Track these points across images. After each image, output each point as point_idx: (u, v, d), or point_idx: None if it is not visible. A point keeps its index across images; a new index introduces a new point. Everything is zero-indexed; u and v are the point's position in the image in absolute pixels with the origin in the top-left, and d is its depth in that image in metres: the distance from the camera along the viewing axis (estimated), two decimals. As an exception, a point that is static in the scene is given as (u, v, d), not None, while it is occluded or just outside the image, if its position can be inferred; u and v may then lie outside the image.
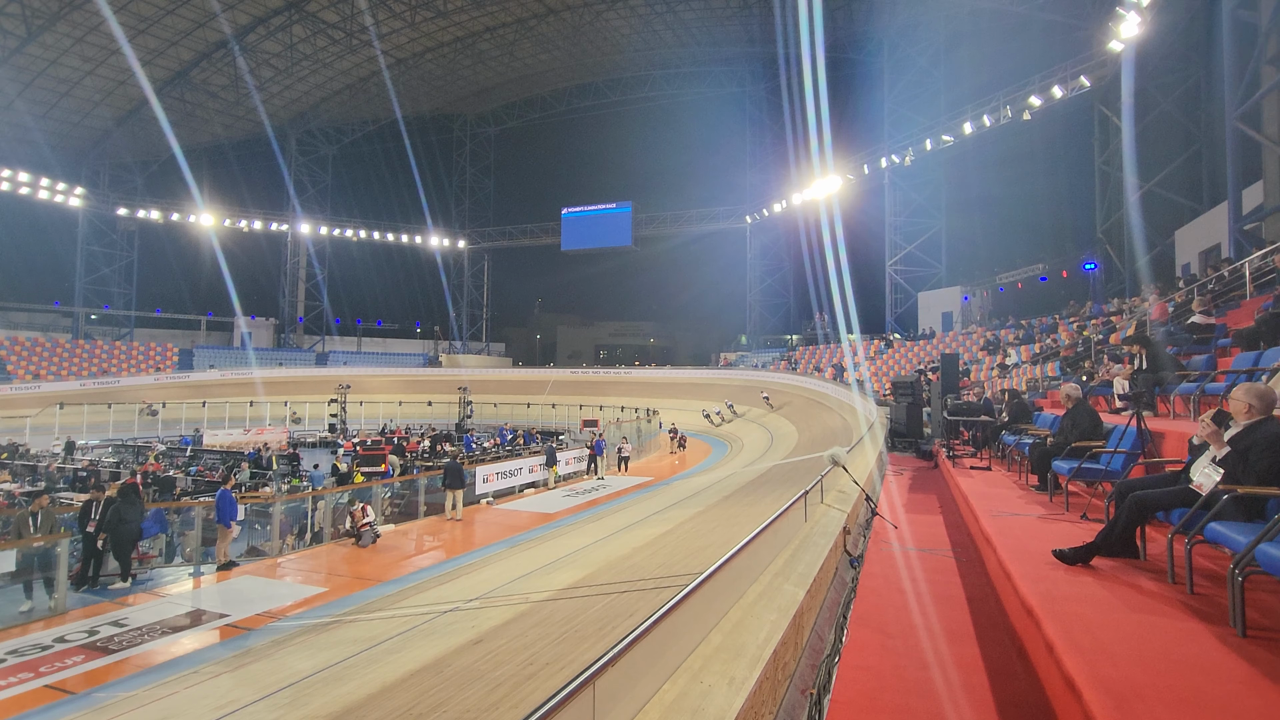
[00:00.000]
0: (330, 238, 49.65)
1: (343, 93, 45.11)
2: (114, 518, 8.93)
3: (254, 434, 27.11)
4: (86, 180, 41.78)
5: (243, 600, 8.71)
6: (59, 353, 38.12)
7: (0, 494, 14.54)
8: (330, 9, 35.85)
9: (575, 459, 20.14)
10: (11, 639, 7.37)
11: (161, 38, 35.67)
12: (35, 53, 33.63)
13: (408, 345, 54.01)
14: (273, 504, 11.35)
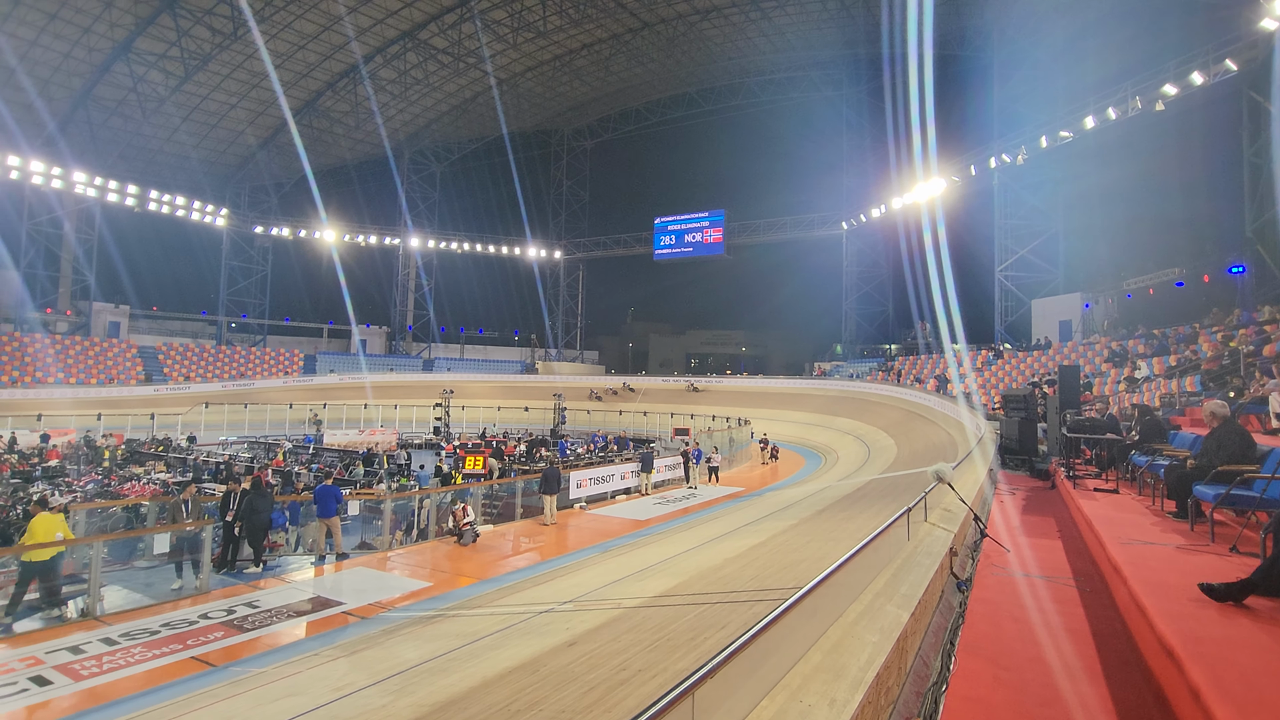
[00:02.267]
0: (437, 250, 52.58)
1: (450, 113, 47.75)
2: (248, 508, 9.83)
3: (367, 434, 29.02)
4: (230, 201, 46.42)
5: (356, 590, 9.32)
6: (205, 357, 42.48)
7: (156, 483, 16.35)
8: (440, 35, 38.08)
9: (668, 466, 20.20)
10: (165, 613, 8.25)
11: (294, 71, 39.21)
12: (190, 89, 37.82)
13: (506, 353, 56.17)
14: (384, 501, 12.09)
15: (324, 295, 48.14)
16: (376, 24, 37.14)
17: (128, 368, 38.04)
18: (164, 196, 41.31)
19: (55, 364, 34.62)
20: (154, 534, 9.51)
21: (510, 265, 54.74)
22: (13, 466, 18.09)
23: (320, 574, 10.19)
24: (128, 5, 31.95)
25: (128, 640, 7.30)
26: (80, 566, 9.59)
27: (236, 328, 48.39)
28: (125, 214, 40.93)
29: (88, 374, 35.82)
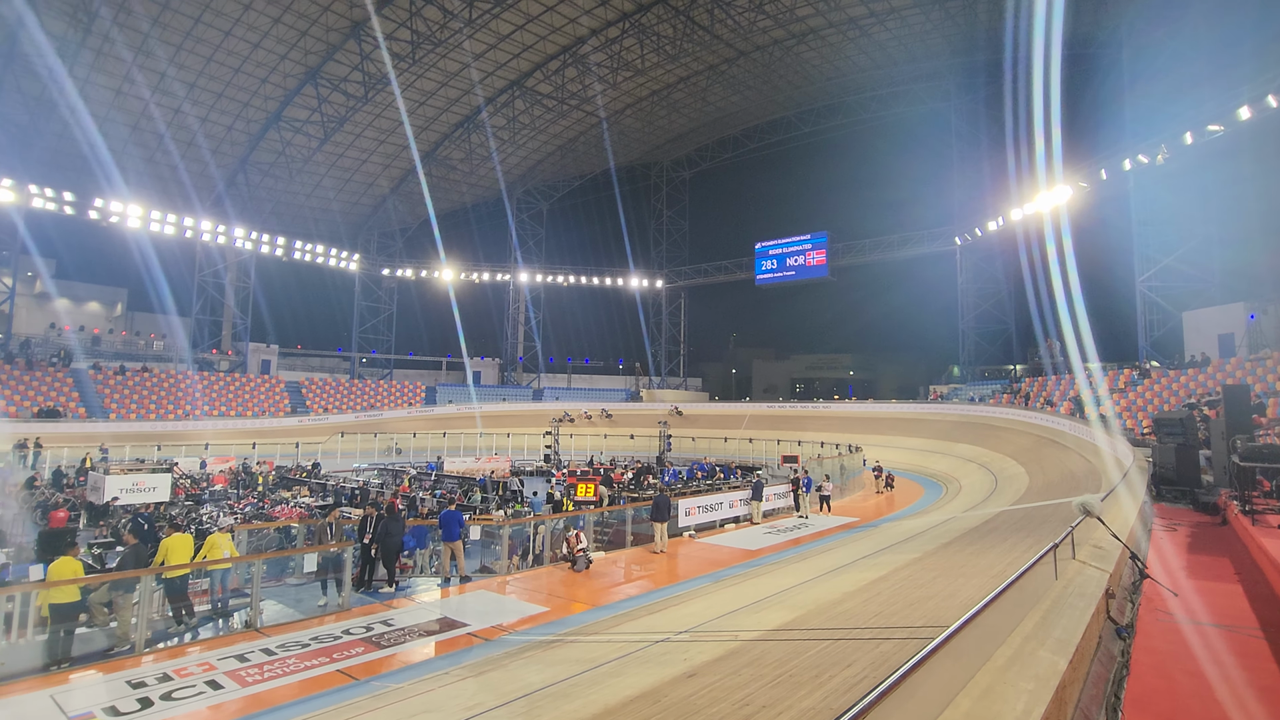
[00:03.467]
0: (545, 284, 54.94)
1: (555, 153, 50.09)
2: (382, 531, 10.57)
3: (483, 462, 30.41)
4: (361, 247, 50.83)
5: (479, 613, 9.72)
6: (340, 391, 46.35)
7: (302, 507, 17.92)
8: (545, 81, 40.22)
9: (777, 495, 19.74)
10: (313, 627, 8.97)
11: (416, 125, 42.66)
12: (328, 149, 42.04)
13: (611, 381, 57.30)
14: (502, 527, 12.60)
15: (443, 330, 51.41)
16: (488, 76, 39.82)
17: (277, 401, 42.17)
18: (306, 246, 45.91)
19: (202, 399, 38.86)
20: (304, 554, 10.42)
21: (613, 295, 56.17)
22: (186, 490, 20.46)
23: (446, 596, 10.73)
24: (279, 80, 36.16)
25: (283, 651, 8.00)
26: (243, 582, 10.65)
27: (367, 363, 52.57)
28: (274, 263, 45.86)
29: (245, 407, 40.03)
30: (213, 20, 31.75)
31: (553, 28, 36.13)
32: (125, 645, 8.28)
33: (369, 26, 33.67)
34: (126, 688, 6.97)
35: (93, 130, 33.25)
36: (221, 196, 41.56)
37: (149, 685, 7.03)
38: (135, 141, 37.34)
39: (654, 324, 57.73)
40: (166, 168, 39.44)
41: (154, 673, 7.36)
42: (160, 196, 39.10)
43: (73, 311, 41.60)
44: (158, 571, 8.96)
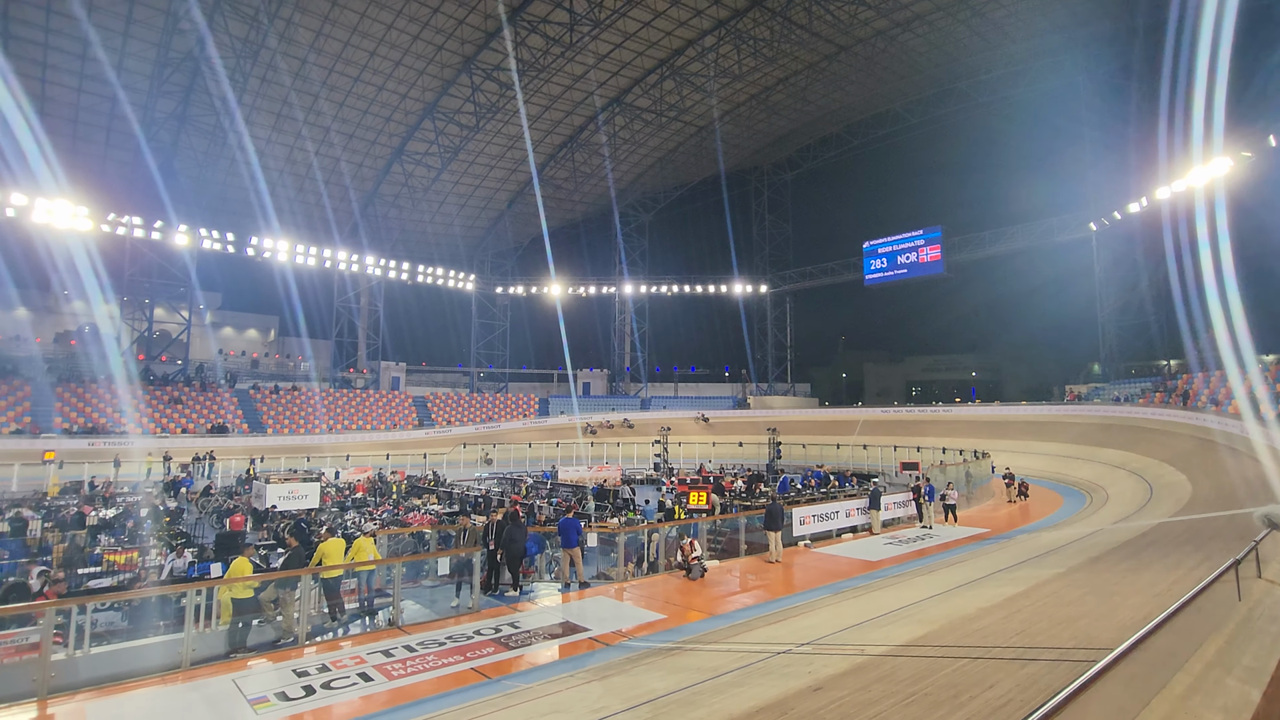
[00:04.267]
0: (648, 295, 55.71)
1: (655, 166, 50.77)
2: (507, 537, 11.09)
3: (595, 470, 31.16)
4: (476, 268, 53.84)
5: (599, 618, 9.95)
6: (461, 404, 49.15)
7: (431, 514, 19.16)
8: (643, 96, 40.92)
9: (897, 504, 18.84)
10: (447, 627, 9.54)
11: (522, 150, 44.75)
12: (445, 178, 44.91)
13: (718, 389, 57.03)
14: (617, 534, 12.86)
15: (553, 344, 53.34)
16: (588, 96, 41.08)
17: (406, 415, 45.35)
18: (427, 269, 49.23)
19: (342, 414, 42.34)
20: (438, 558, 11.14)
21: (716, 303, 55.97)
22: (332, 498, 22.45)
23: (567, 600, 11.08)
24: (400, 117, 39.14)
25: (423, 648, 8.56)
26: (384, 582, 11.53)
27: (484, 377, 55.45)
28: (400, 286, 49.50)
29: (378, 421, 43.36)
30: (344, 69, 34.93)
31: (649, 43, 36.75)
32: (289, 638, 9.18)
33: (478, 61, 35.76)
34: (292, 676, 7.72)
35: (258, 176, 37.63)
36: (356, 228, 45.46)
37: (311, 674, 7.74)
38: (283, 184, 41.62)
39: (758, 330, 56.96)
40: (309, 205, 43.68)
41: (314, 663, 8.10)
42: (305, 232, 43.33)
43: (235, 338, 47.02)
44: (315, 571, 9.88)
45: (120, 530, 16.38)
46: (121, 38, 30.10)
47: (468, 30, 34.08)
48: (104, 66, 31.46)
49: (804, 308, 57.66)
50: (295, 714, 6.81)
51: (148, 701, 7.23)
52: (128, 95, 32.75)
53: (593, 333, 57.57)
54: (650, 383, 56.38)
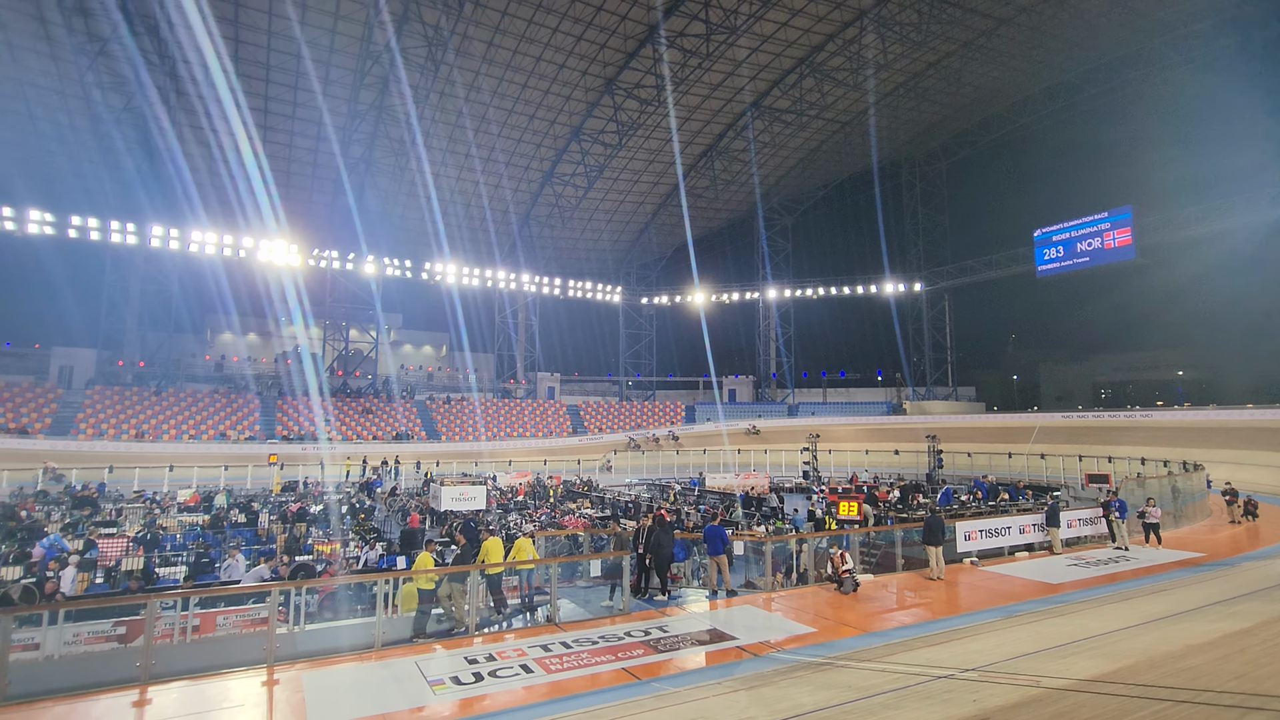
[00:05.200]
0: (794, 299, 54.44)
1: (796, 167, 49.64)
2: (655, 542, 11.38)
3: (742, 478, 30.90)
4: (622, 280, 55.76)
5: (746, 627, 9.91)
6: (611, 412, 51.00)
7: (585, 517, 20.10)
8: (783, 97, 40.22)
9: (1082, 521, 16.83)
10: (600, 627, 9.97)
11: (664, 162, 45.77)
12: (592, 195, 47.04)
13: (870, 394, 54.30)
14: (765, 543, 12.71)
15: (698, 351, 53.72)
16: (726, 104, 41.16)
17: (561, 423, 47.90)
18: (577, 283, 51.79)
19: (488, 423, 45.37)
20: (591, 559, 11.69)
21: (866, 305, 53.36)
22: (497, 500, 24.26)
23: (714, 608, 11.14)
24: (550, 142, 41.64)
25: (577, 646, 9.03)
26: (542, 581, 12.29)
27: (633, 385, 57.11)
28: (552, 301, 52.49)
29: (536, 429, 46.17)
30: (499, 103, 37.86)
31: (787, 43, 36.12)
32: (461, 628, 10.09)
33: (619, 81, 37.17)
34: (464, 662, 8.49)
35: (435, 206, 42.07)
36: (513, 249, 48.96)
37: (479, 663, 8.47)
38: (450, 214, 45.84)
39: (913, 331, 53.50)
40: (473, 231, 47.71)
41: (482, 653, 8.85)
42: (469, 255, 47.36)
43: (413, 354, 52.43)
44: (481, 568, 10.79)
45: (326, 524, 18.88)
46: (320, 97, 34.88)
47: (608, 54, 35.57)
48: (307, 124, 36.72)
49: (965, 305, 53.28)
50: (466, 697, 7.49)
51: (348, 675, 8.31)
52: (324, 145, 37.90)
53: (737, 339, 57.33)
54: (797, 388, 54.95)
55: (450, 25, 31.09)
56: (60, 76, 32.02)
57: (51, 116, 34.20)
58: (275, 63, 32.80)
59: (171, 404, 37.09)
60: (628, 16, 33.15)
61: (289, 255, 38.99)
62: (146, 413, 35.71)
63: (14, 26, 29.66)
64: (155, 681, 7.68)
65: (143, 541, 15.49)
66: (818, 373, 56.18)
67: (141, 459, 29.55)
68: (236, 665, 8.57)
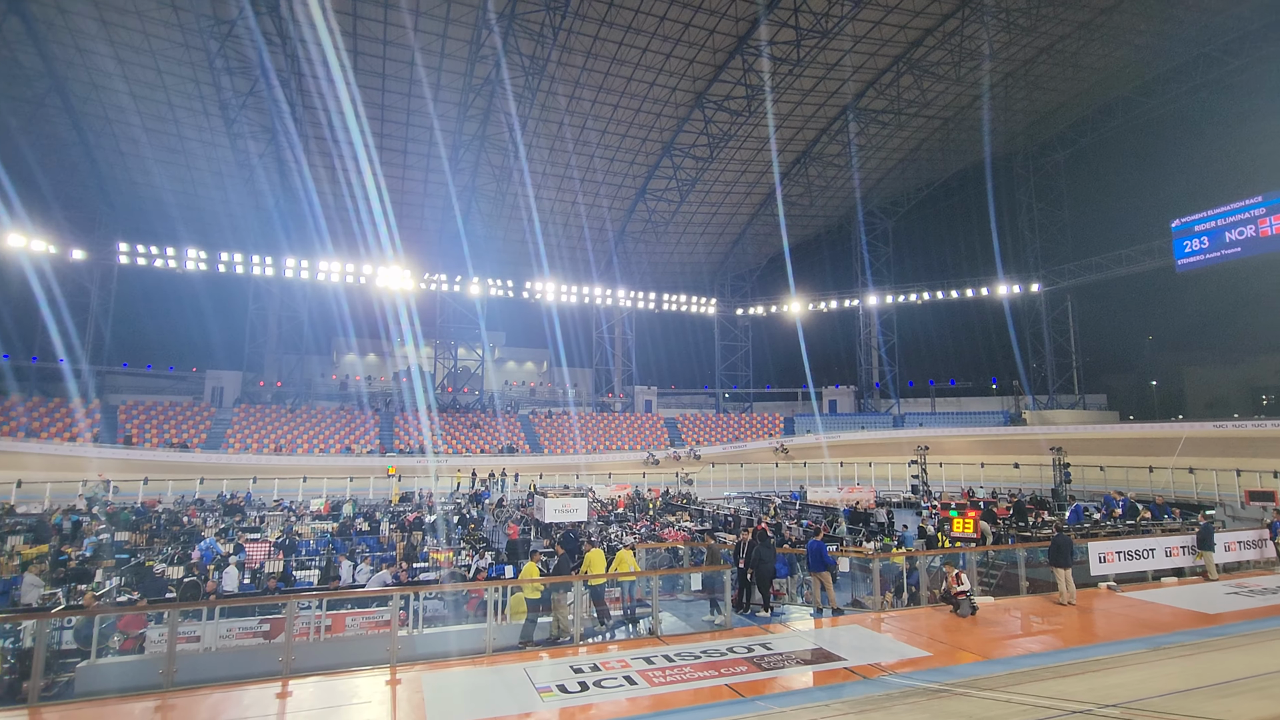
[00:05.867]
0: (896, 304, 52.13)
1: (896, 168, 47.80)
2: (756, 557, 11.22)
3: (845, 492, 29.83)
4: (716, 292, 55.59)
5: (854, 648, 9.56)
6: (708, 424, 50.76)
7: (684, 530, 20.09)
8: (879, 97, 38.92)
9: (1243, 544, 15.01)
10: (702, 642, 9.94)
11: (755, 171, 45.40)
12: (684, 209, 47.34)
13: (984, 403, 50.97)
14: (872, 560, 12.22)
15: (795, 362, 52.46)
16: (819, 109, 40.35)
17: (658, 436, 48.17)
18: (671, 296, 52.15)
19: (588, 436, 46.09)
20: (691, 573, 11.69)
21: (975, 309, 50.16)
22: (598, 512, 24.73)
23: (819, 626, 10.83)
24: (642, 159, 42.38)
25: (680, 660, 9.04)
26: (644, 593, 12.40)
27: (730, 398, 56.61)
28: (647, 315, 53.09)
29: (635, 442, 46.67)
30: (593, 124, 39.02)
31: (881, 41, 35.00)
32: (566, 637, 10.35)
33: (708, 95, 37.33)
34: (570, 671, 8.70)
35: (536, 228, 43.92)
36: (609, 265, 50.05)
37: (585, 672, 8.65)
38: (549, 234, 47.47)
39: (1031, 335, 49.76)
40: (569, 250, 49.17)
41: (587, 662, 9.04)
42: (567, 273, 48.82)
43: (516, 370, 54.52)
44: (584, 579, 11.04)
45: (439, 534, 19.95)
46: (429, 131, 37.33)
47: (697, 68, 35.83)
48: (417, 157, 39.38)
49: (1090, 305, 48.97)
50: (572, 706, 7.68)
51: (462, 678, 8.72)
52: (433, 176, 40.48)
53: (835, 349, 55.50)
54: (902, 398, 52.44)
55: (545, 54, 32.43)
56: (210, 129, 36.10)
57: (204, 164, 38.60)
58: (389, 102, 35.45)
59: (303, 420, 40.51)
60: (716, 30, 33.30)
61: (403, 280, 41.77)
62: (283, 428, 39.20)
63: (173, 89, 33.80)
64: (295, 676, 8.40)
65: (282, 546, 16.99)
66: (924, 382, 53.35)
67: (279, 470, 32.42)
68: (363, 664, 9.22)
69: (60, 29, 30.67)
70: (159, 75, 32.98)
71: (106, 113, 34.77)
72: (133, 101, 34.27)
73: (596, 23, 32.43)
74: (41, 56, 31.55)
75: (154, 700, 7.79)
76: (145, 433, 36.07)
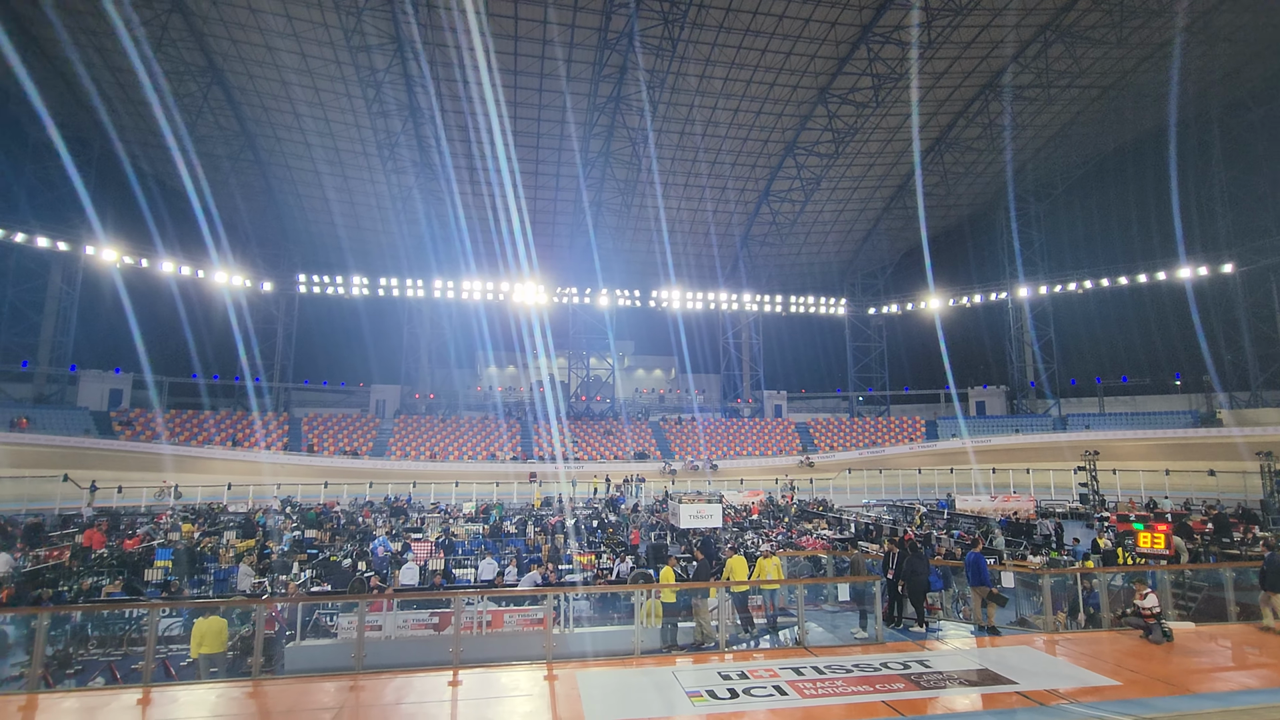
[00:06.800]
0: (1051, 295, 47.36)
1: (1045, 148, 43.77)
2: (908, 569, 10.67)
3: (999, 501, 27.55)
4: (846, 291, 53.54)
5: (1025, 671, 8.81)
6: (842, 429, 48.92)
7: (823, 539, 19.48)
8: (1023, 72, 35.85)
9: None
10: (853, 655, 9.60)
11: (885, 163, 43.36)
12: (809, 209, 46.14)
13: (1165, 402, 45.06)
14: (1041, 576, 11.22)
15: (934, 362, 49.29)
16: (954, 90, 37.85)
17: (789, 441, 47.12)
18: (798, 299, 50.92)
19: (718, 441, 45.66)
20: (838, 583, 11.35)
21: (1150, 296, 44.42)
22: (731, 518, 24.61)
23: (982, 645, 10.10)
24: (764, 161, 41.86)
25: (830, 672, 8.78)
26: (786, 602, 12.18)
27: (864, 401, 54.22)
28: (774, 318, 52.19)
29: (765, 448, 45.97)
30: (713, 131, 39.07)
31: (1025, 10, 32.32)
32: (710, 643, 10.40)
33: (832, 89, 36.20)
34: (718, 678, 8.72)
35: (664, 236, 44.91)
36: (734, 269, 49.83)
37: (732, 679, 8.64)
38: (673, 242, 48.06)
39: (1224, 323, 43.25)
40: (692, 257, 49.50)
41: (734, 670, 9.02)
42: (692, 280, 49.17)
43: (645, 378, 55.59)
44: (726, 585, 11.04)
45: (580, 537, 20.74)
46: (556, 152, 39.17)
47: (819, 63, 34.89)
48: (547, 177, 41.41)
49: (1305, 286, 41.88)
50: (721, 713, 7.69)
51: (614, 677, 9.02)
52: (563, 195, 42.38)
53: (980, 346, 51.35)
54: (1063, 398, 47.57)
55: (666, 66, 32.99)
56: (369, 168, 40.17)
57: (365, 199, 43.00)
58: (520, 128, 37.62)
59: (452, 429, 43.74)
60: (838, 22, 32.27)
61: (537, 295, 44.04)
62: (435, 437, 42.55)
63: (339, 134, 38.02)
64: (463, 666, 9.10)
65: (442, 546, 18.44)
66: (1089, 379, 47.94)
67: (433, 476, 35.21)
68: (520, 659, 9.81)
69: (250, 92, 35.49)
70: (327, 124, 37.22)
71: (287, 160, 39.70)
72: (306, 149, 38.90)
73: (714, 30, 32.52)
74: (237, 118, 36.66)
75: (348, 680, 8.76)
76: (323, 442, 40.57)
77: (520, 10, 30.66)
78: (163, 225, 35.19)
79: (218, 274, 39.76)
